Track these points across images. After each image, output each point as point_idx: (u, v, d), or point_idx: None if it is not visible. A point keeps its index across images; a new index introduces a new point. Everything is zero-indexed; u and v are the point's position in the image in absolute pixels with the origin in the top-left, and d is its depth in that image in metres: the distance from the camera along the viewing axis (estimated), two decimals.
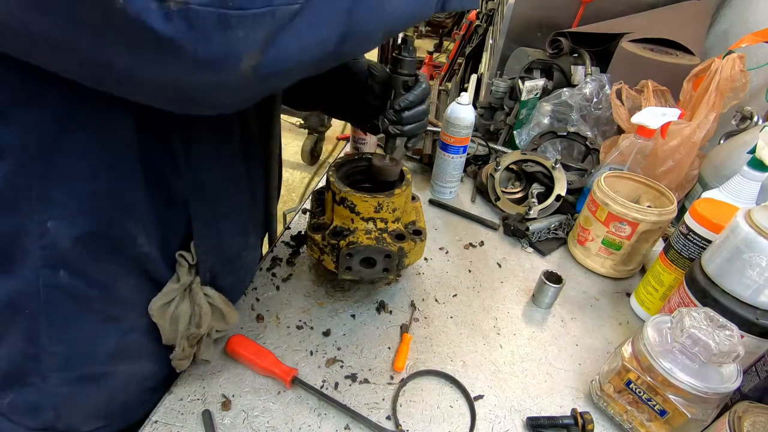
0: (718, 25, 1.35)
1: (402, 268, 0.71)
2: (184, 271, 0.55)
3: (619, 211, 0.79)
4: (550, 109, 1.16)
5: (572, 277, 0.87)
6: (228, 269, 0.62)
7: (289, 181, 2.97)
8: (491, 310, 0.78)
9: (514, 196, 1.05)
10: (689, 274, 0.66)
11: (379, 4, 0.39)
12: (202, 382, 0.61)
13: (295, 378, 0.61)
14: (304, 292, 0.77)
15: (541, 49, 1.38)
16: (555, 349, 0.72)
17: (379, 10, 0.39)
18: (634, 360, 0.57)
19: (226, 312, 0.61)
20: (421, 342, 0.71)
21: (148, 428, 0.56)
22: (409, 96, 0.61)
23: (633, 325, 0.78)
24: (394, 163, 0.70)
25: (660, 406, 0.55)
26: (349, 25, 0.36)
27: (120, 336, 0.53)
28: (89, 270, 0.47)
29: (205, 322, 0.57)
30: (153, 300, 0.53)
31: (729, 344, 0.50)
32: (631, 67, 1.16)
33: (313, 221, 0.72)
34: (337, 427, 0.58)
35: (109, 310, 0.51)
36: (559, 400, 0.64)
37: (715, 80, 0.91)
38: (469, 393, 0.63)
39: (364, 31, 0.39)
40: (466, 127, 0.96)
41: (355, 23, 0.37)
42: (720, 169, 0.90)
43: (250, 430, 0.57)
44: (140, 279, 0.52)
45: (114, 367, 0.54)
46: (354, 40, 0.38)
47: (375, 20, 0.39)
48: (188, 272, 0.56)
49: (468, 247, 0.92)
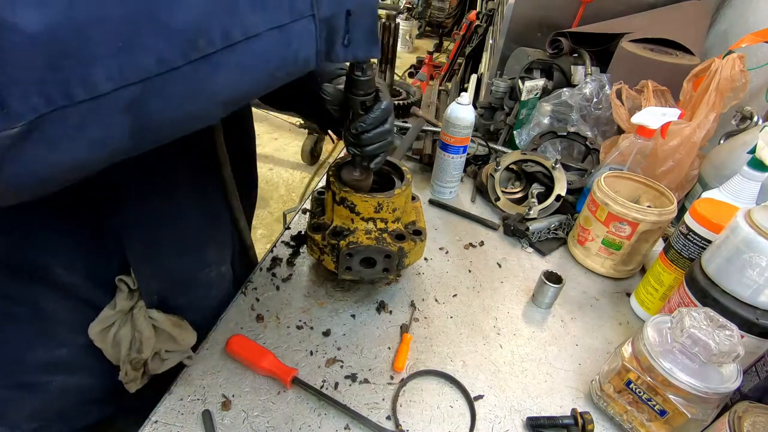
0: (718, 25, 1.35)
1: (402, 268, 0.71)
2: (123, 296, 0.55)
3: (619, 211, 0.79)
4: (550, 109, 1.16)
5: (572, 277, 0.87)
6: (180, 291, 0.61)
7: (289, 181, 2.98)
8: (491, 310, 0.78)
9: (514, 196, 1.05)
10: (689, 274, 0.66)
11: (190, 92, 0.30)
12: (202, 382, 0.61)
13: (295, 378, 0.61)
14: (304, 292, 0.77)
15: (541, 49, 1.38)
16: (555, 349, 0.72)
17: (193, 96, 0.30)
18: (634, 360, 0.57)
19: (177, 335, 0.59)
20: (421, 342, 0.71)
21: (148, 428, 0.56)
22: (366, 119, 0.54)
23: (633, 325, 0.78)
24: (363, 176, 0.64)
25: (660, 406, 0.55)
26: (139, 119, 0.29)
27: (50, 350, 0.54)
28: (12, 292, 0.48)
29: (147, 347, 0.57)
30: (91, 325, 0.54)
31: (729, 344, 0.50)
32: (631, 67, 1.16)
33: (313, 221, 0.72)
34: (337, 427, 0.58)
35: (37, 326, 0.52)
36: (559, 400, 0.64)
37: (715, 80, 0.91)
38: (469, 393, 0.63)
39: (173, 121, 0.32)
40: (466, 127, 0.96)
41: (149, 116, 0.29)
42: (720, 169, 0.90)
43: (250, 430, 0.57)
44: (72, 301, 0.52)
45: (45, 378, 0.56)
46: (161, 131, 0.32)
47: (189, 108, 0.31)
48: (129, 297, 0.55)
49: (468, 247, 0.92)
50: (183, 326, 0.61)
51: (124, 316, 0.56)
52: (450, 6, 5.41)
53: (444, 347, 0.70)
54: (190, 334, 0.62)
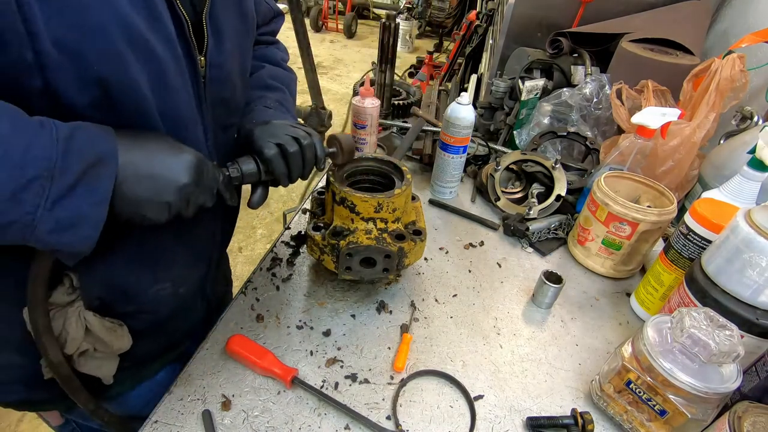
0: (718, 25, 1.35)
1: (402, 268, 0.71)
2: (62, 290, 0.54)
3: (619, 211, 0.79)
4: (550, 109, 1.16)
5: (572, 277, 0.87)
6: (126, 301, 0.60)
7: None
8: (491, 310, 0.78)
9: (514, 196, 1.05)
10: (689, 274, 0.66)
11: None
12: (202, 382, 0.61)
13: (295, 378, 0.61)
14: (304, 292, 0.77)
15: (541, 49, 1.38)
16: (555, 349, 0.72)
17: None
18: (634, 360, 0.57)
19: (109, 340, 0.58)
20: (421, 342, 0.71)
21: (148, 428, 0.56)
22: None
23: (633, 325, 0.78)
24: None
25: (660, 406, 0.55)
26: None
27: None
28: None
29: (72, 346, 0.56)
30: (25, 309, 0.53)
31: (729, 344, 0.50)
32: (631, 67, 1.16)
33: (313, 221, 0.72)
34: (337, 427, 0.58)
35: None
36: (559, 400, 0.64)
37: (715, 80, 0.91)
38: (469, 393, 0.63)
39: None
40: (466, 127, 0.96)
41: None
42: (720, 169, 0.90)
43: (250, 430, 0.57)
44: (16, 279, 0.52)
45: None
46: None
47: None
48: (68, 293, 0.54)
49: (468, 247, 0.92)
50: (118, 332, 0.59)
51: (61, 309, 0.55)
52: (450, 6, 5.41)
53: (444, 347, 0.70)
54: (124, 341, 0.60)
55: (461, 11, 4.56)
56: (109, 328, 0.58)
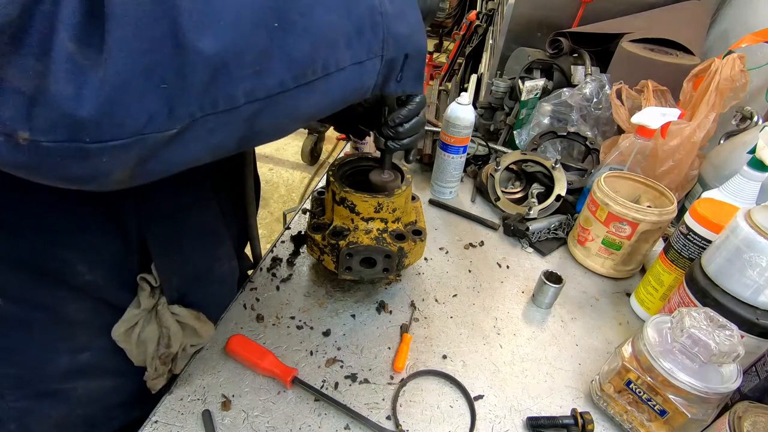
0: (718, 25, 1.35)
1: (402, 268, 0.71)
2: (145, 294, 0.54)
3: (619, 211, 0.79)
4: (550, 109, 1.16)
5: (572, 277, 0.87)
6: (197, 285, 0.61)
7: (289, 181, 2.97)
8: (491, 310, 0.78)
9: (514, 196, 1.05)
10: (689, 274, 0.66)
11: (289, 110, 0.36)
12: (202, 382, 0.61)
13: (295, 378, 0.61)
14: (304, 292, 0.77)
15: (541, 49, 1.38)
16: (555, 349, 0.72)
17: (289, 113, 0.37)
18: (634, 360, 0.57)
19: (198, 327, 0.60)
20: (421, 342, 0.71)
21: (148, 428, 0.56)
22: (403, 111, 0.58)
23: (633, 325, 0.78)
24: (392, 177, 0.68)
25: (660, 406, 0.55)
26: (250, 129, 0.34)
27: (72, 356, 0.54)
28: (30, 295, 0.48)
29: (176, 341, 0.57)
30: (115, 326, 0.53)
31: (729, 344, 0.50)
32: (631, 67, 1.16)
33: (313, 221, 0.72)
34: (337, 427, 0.58)
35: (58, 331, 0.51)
36: (559, 400, 0.64)
37: (715, 80, 0.91)
38: (469, 393, 0.63)
39: (269, 132, 0.38)
40: (466, 127, 0.96)
41: (258, 127, 0.35)
42: (720, 169, 0.90)
43: (250, 430, 0.57)
44: (93, 303, 0.52)
45: (69, 384, 0.55)
46: (258, 139, 0.38)
47: (283, 122, 0.38)
48: (151, 295, 0.55)
49: (468, 247, 0.92)
50: (202, 319, 0.61)
51: (148, 314, 0.55)
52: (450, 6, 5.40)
53: (444, 347, 0.70)
54: (210, 327, 0.62)
55: (461, 11, 4.55)
56: (195, 317, 0.60)
